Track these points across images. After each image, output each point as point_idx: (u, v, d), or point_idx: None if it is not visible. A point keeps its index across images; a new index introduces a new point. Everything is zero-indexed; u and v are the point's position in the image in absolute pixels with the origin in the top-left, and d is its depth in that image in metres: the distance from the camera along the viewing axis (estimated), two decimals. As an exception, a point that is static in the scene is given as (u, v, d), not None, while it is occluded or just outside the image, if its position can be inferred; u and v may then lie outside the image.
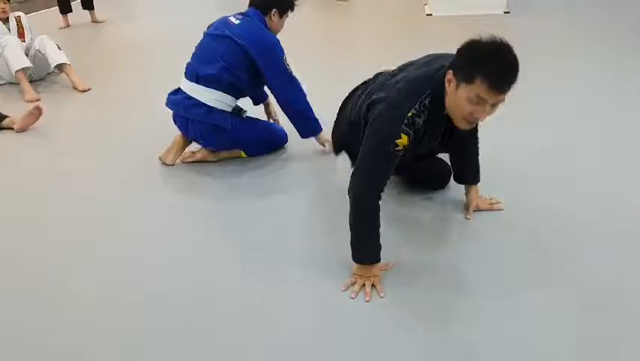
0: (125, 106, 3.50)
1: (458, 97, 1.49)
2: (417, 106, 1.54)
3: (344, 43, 4.86)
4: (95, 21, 6.44)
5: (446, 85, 1.54)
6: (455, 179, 2.04)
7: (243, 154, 2.60)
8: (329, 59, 4.24)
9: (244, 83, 2.43)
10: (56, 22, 6.18)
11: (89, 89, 3.79)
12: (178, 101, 2.47)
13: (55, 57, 3.82)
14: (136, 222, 2.17)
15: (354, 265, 1.66)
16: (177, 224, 2.14)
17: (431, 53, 1.81)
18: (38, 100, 3.56)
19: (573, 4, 5.87)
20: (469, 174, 1.97)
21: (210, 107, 2.40)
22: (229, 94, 2.43)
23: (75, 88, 3.80)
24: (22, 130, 3.08)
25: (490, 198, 2.05)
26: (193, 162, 2.57)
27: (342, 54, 4.41)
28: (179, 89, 2.51)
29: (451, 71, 1.52)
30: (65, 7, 6.14)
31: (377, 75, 1.94)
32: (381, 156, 1.56)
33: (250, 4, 2.47)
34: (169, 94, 2.55)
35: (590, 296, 1.60)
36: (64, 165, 2.71)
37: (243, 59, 2.35)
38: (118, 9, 7.65)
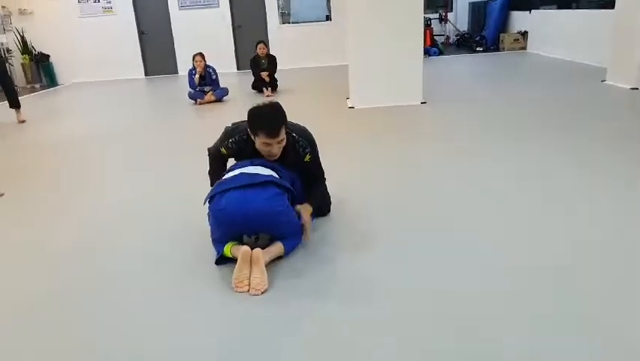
0: (41, 212, 3.31)
1: (258, 144, 2.52)
2: (234, 138, 2.64)
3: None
4: (20, 121, 6.31)
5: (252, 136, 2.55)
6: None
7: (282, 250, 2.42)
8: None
9: None
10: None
11: (1, 195, 3.61)
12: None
13: (-35, 163, 3.65)
14: None
15: None
16: None
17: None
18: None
19: (476, 94, 6.56)
20: (308, 199, 2.75)
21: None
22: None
23: (-14, 194, 3.61)
24: None
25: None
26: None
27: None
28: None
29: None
30: None
31: None
32: (216, 150, 2.74)
33: None
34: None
35: None
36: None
37: None
38: (41, 108, 7.55)
